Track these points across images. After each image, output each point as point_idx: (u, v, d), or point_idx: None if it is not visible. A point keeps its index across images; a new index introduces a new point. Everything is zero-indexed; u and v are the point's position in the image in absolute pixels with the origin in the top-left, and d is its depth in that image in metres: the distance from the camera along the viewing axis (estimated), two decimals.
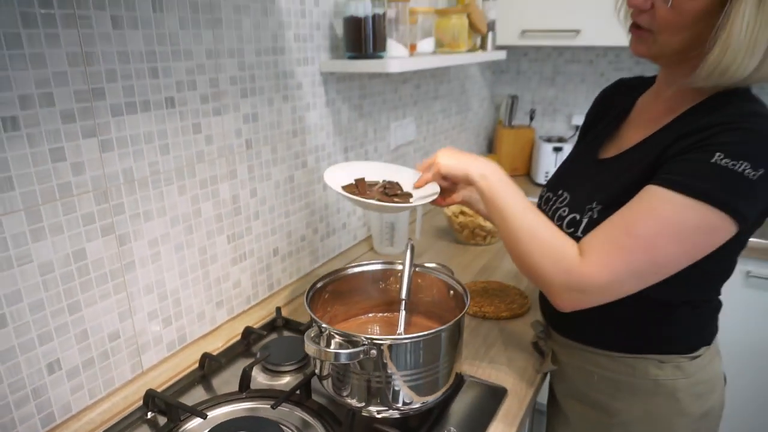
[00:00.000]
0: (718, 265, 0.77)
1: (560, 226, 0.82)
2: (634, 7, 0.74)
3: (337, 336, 0.76)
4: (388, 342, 0.75)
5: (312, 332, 0.77)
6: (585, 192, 0.83)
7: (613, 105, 0.94)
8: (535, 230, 0.76)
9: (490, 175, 0.80)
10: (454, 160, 0.84)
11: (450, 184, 0.93)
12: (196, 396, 0.92)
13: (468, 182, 0.83)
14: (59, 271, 0.78)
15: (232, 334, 1.08)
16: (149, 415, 0.87)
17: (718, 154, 0.65)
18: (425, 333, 0.76)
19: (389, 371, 0.76)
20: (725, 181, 0.64)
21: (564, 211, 0.84)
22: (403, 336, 0.80)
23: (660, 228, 0.67)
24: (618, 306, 0.73)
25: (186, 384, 0.95)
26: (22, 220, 0.73)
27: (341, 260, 1.42)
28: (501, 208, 0.78)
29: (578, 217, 0.80)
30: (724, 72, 0.67)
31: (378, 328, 0.99)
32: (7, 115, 0.69)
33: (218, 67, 0.98)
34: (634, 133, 0.84)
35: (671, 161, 0.70)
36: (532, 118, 2.34)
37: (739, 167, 0.64)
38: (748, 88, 0.74)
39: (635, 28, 0.76)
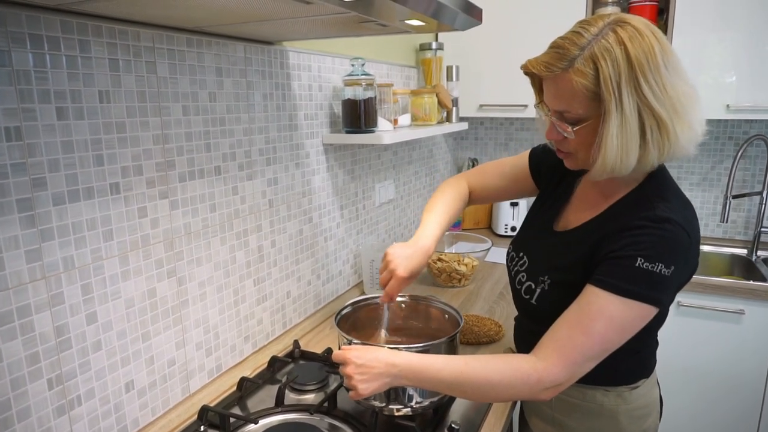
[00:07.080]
0: (655, 320, 0.90)
1: (519, 290, 1.03)
2: (554, 141, 0.94)
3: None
4: (403, 349, 0.96)
5: (344, 344, 0.98)
6: (540, 261, 1.01)
7: (564, 180, 1.09)
8: (487, 377, 0.86)
9: (399, 372, 0.88)
10: (371, 384, 0.89)
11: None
12: (237, 413, 1.09)
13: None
14: (138, 305, 0.97)
15: (257, 364, 1.27)
16: (202, 428, 1.03)
17: (640, 259, 0.82)
18: (431, 342, 0.98)
19: None
20: (649, 281, 0.82)
21: (523, 276, 1.05)
22: (414, 345, 1.01)
23: (609, 325, 0.84)
24: None
25: (227, 404, 1.12)
26: (116, 263, 0.93)
27: (339, 303, 1.63)
28: (435, 382, 0.89)
29: (533, 286, 1.00)
30: (611, 172, 0.84)
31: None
32: (113, 182, 0.90)
33: (251, 142, 1.22)
34: (578, 213, 1.01)
35: (606, 261, 0.85)
36: None
37: (657, 268, 0.81)
38: (662, 184, 0.91)
39: (560, 152, 0.94)
